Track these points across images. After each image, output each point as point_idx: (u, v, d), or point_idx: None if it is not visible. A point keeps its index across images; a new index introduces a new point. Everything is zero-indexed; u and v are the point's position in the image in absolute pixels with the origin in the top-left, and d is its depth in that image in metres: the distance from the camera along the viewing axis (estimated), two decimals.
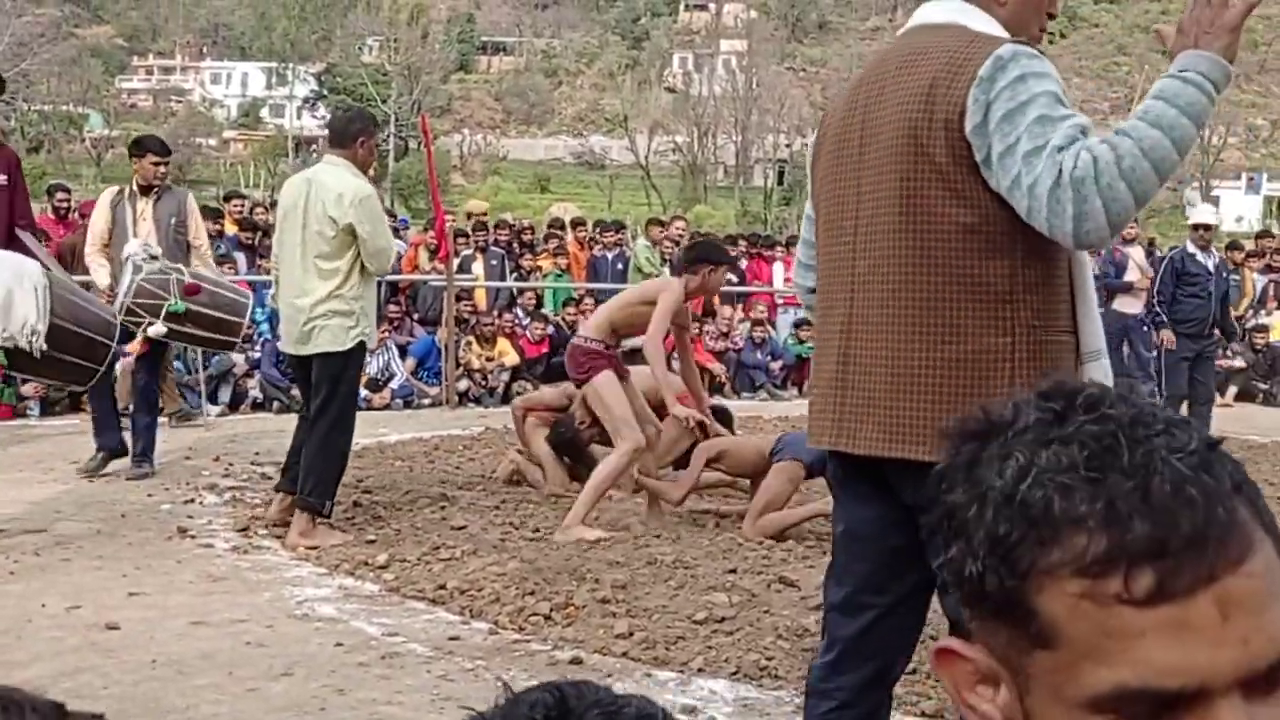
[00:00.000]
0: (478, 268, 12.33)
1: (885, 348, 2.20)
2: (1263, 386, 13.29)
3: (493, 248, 12.63)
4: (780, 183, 57.24)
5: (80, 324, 5.37)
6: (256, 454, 7.69)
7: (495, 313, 11.58)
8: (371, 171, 6.04)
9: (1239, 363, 13.24)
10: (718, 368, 11.95)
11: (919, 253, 2.17)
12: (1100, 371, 2.17)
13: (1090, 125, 2.05)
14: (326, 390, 5.49)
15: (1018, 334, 2.12)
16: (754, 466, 6.03)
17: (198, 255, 7.03)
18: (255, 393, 10.12)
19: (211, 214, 11.58)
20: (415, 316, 11.70)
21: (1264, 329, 13.82)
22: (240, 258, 10.80)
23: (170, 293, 6.48)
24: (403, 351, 10.94)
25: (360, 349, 5.57)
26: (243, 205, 12.53)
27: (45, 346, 5.19)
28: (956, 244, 2.13)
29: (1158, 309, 9.01)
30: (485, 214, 14.46)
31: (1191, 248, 9.05)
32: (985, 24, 2.21)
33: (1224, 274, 9.23)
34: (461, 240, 12.09)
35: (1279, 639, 0.67)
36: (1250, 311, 14.35)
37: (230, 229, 11.44)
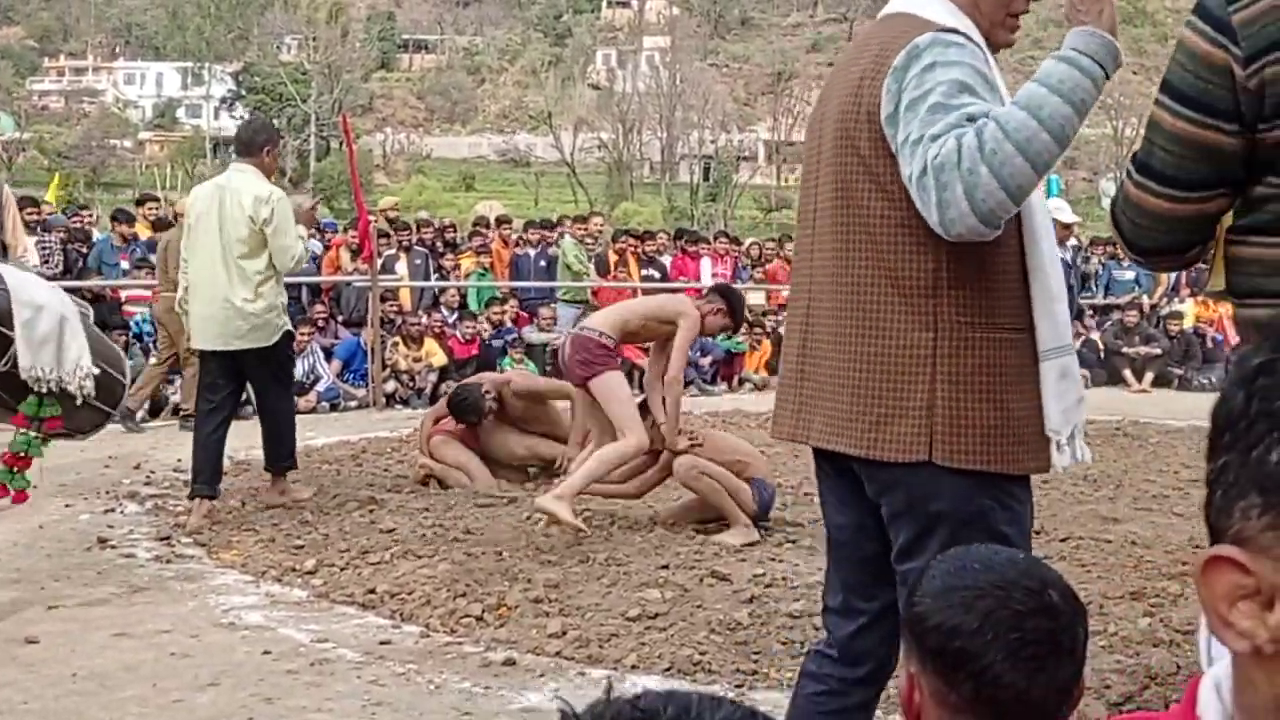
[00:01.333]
0: (401, 267, 12.21)
1: (830, 341, 2.19)
2: (1178, 372, 13.59)
3: (416, 247, 12.52)
4: (706, 178, 57.48)
5: (105, 360, 4.52)
6: (179, 460, 7.54)
7: (421, 313, 11.48)
8: (288, 175, 6.56)
9: (1155, 350, 13.53)
10: (645, 363, 11.95)
11: (850, 247, 2.16)
12: (1056, 371, 2.08)
13: (989, 111, 1.97)
14: (269, 375, 6.13)
15: (940, 330, 2.06)
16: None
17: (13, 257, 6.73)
18: (176, 398, 9.93)
19: (125, 218, 11.38)
20: (339, 318, 11.56)
21: (1178, 316, 14.15)
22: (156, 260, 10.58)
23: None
24: (328, 354, 10.80)
25: (287, 336, 6.13)
26: (158, 208, 12.28)
27: (93, 392, 4.35)
28: (882, 238, 2.10)
29: None
30: (396, 208, 14.30)
31: None
32: (942, 11, 2.13)
33: (1075, 265, 9.70)
34: (384, 240, 11.96)
35: None
36: (1164, 300, 14.68)
37: (144, 232, 11.22)
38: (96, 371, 4.35)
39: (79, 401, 4.32)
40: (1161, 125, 1.73)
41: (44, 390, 4.18)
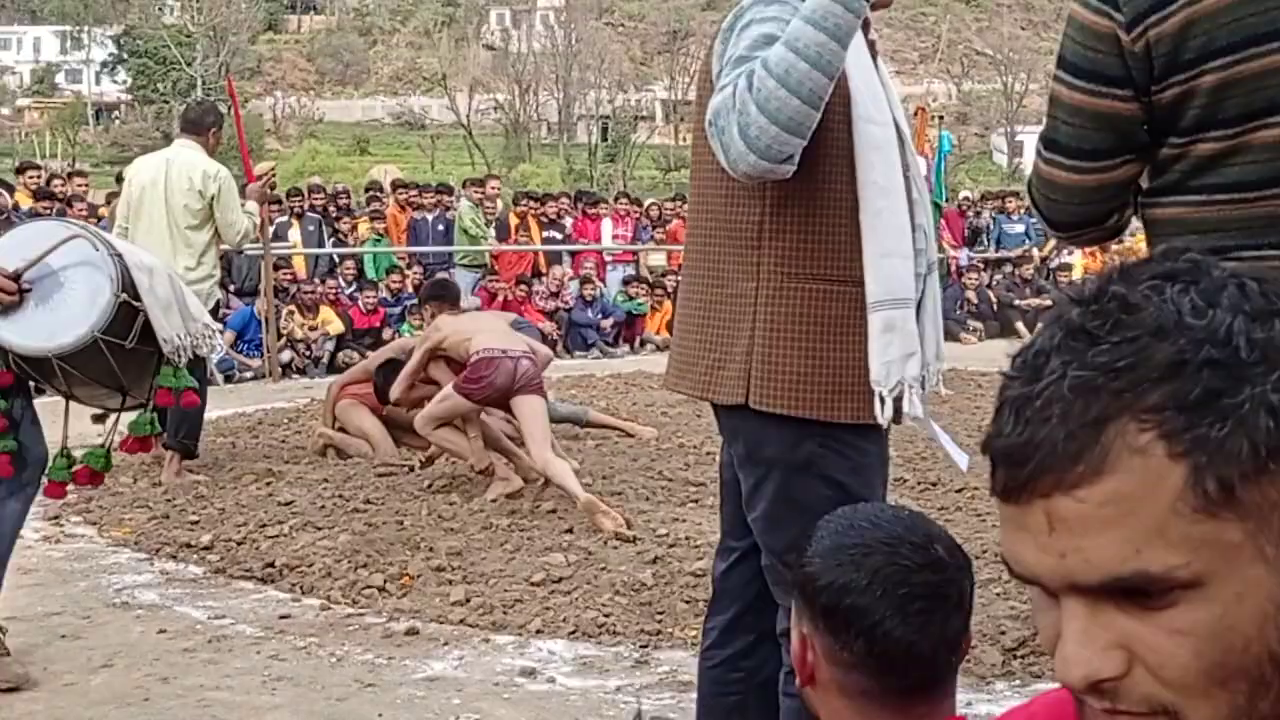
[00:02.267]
0: (294, 234, 11.96)
1: (686, 290, 2.31)
2: None
3: (309, 213, 12.26)
4: (604, 139, 57.22)
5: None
6: (67, 438, 7.30)
7: (316, 280, 11.27)
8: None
9: (1047, 301, 13.85)
10: (549, 327, 11.91)
11: (700, 201, 2.27)
12: (881, 323, 2.10)
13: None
14: None
15: (762, 279, 2.13)
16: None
17: None
18: None
19: (5, 187, 10.95)
20: (231, 287, 11.29)
21: (1067, 268, 14.49)
22: None
23: None
24: (221, 324, 10.55)
25: (215, 309, 6.55)
26: (39, 176, 11.85)
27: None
28: (719, 189, 2.19)
29: None
30: (273, 172, 13.88)
31: None
32: None
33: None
34: (276, 207, 11.69)
35: (1101, 565, 0.68)
36: (1055, 252, 15.03)
37: (25, 201, 10.81)
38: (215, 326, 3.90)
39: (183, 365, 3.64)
40: (1061, 99, 1.76)
41: (180, 360, 3.55)
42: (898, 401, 2.13)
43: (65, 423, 3.62)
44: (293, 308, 10.74)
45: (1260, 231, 1.66)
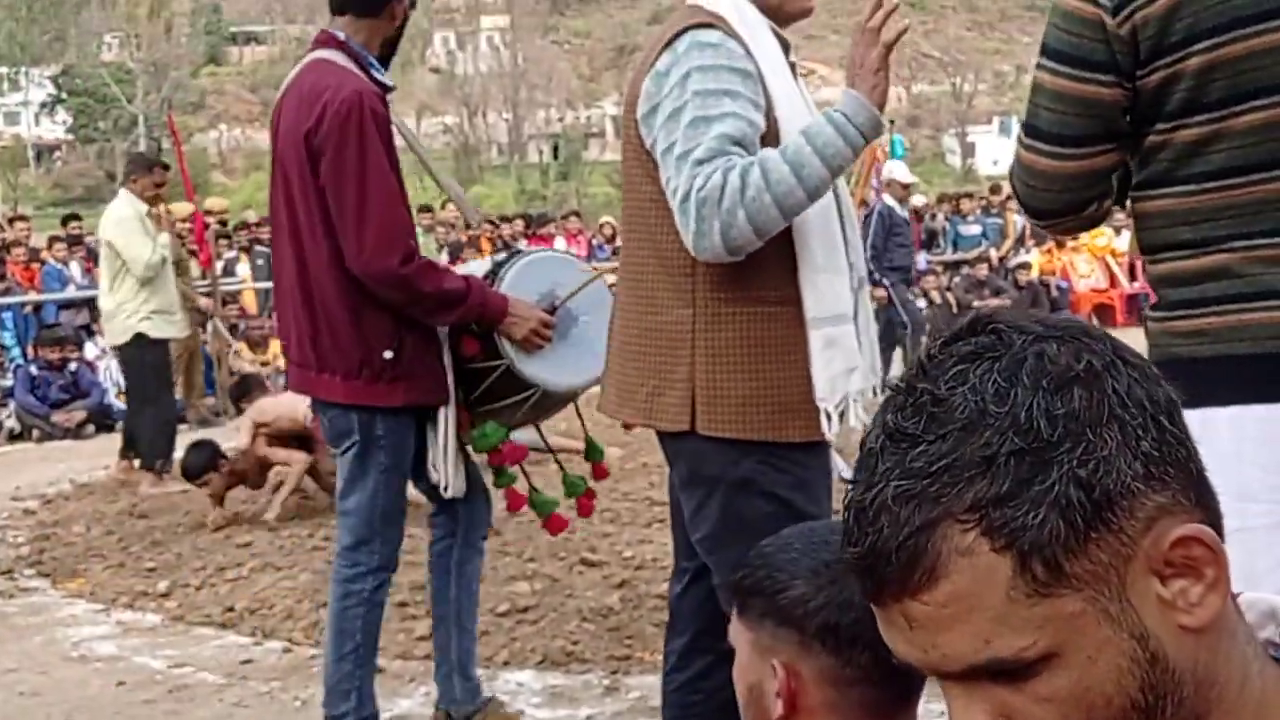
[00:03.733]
0: (243, 269, 11.83)
1: (621, 315, 2.29)
2: None
3: (258, 247, 12.13)
4: (556, 157, 57.25)
5: None
6: (17, 488, 7.17)
7: (266, 314, 11.14)
8: (118, 179, 7.72)
9: (1006, 301, 13.92)
10: None
11: (631, 227, 2.28)
12: (822, 340, 2.12)
13: (746, 130, 2.04)
14: (126, 374, 7.34)
15: (698, 306, 2.14)
16: None
17: None
18: (11, 423, 9.46)
19: None
20: None
21: (1026, 266, 14.58)
22: None
23: None
24: None
25: (138, 338, 6.84)
26: None
27: None
28: (650, 216, 2.18)
29: (870, 264, 9.45)
30: (226, 211, 13.75)
31: (891, 202, 9.73)
32: None
33: (895, 221, 10.01)
34: (224, 242, 11.57)
35: (958, 657, 0.74)
36: (1012, 251, 15.13)
37: None
38: None
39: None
40: (1044, 86, 1.76)
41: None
42: (843, 415, 2.15)
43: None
44: (242, 344, 10.61)
45: (1251, 219, 1.65)
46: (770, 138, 2.10)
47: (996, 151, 53.27)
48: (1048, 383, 0.72)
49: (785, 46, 2.22)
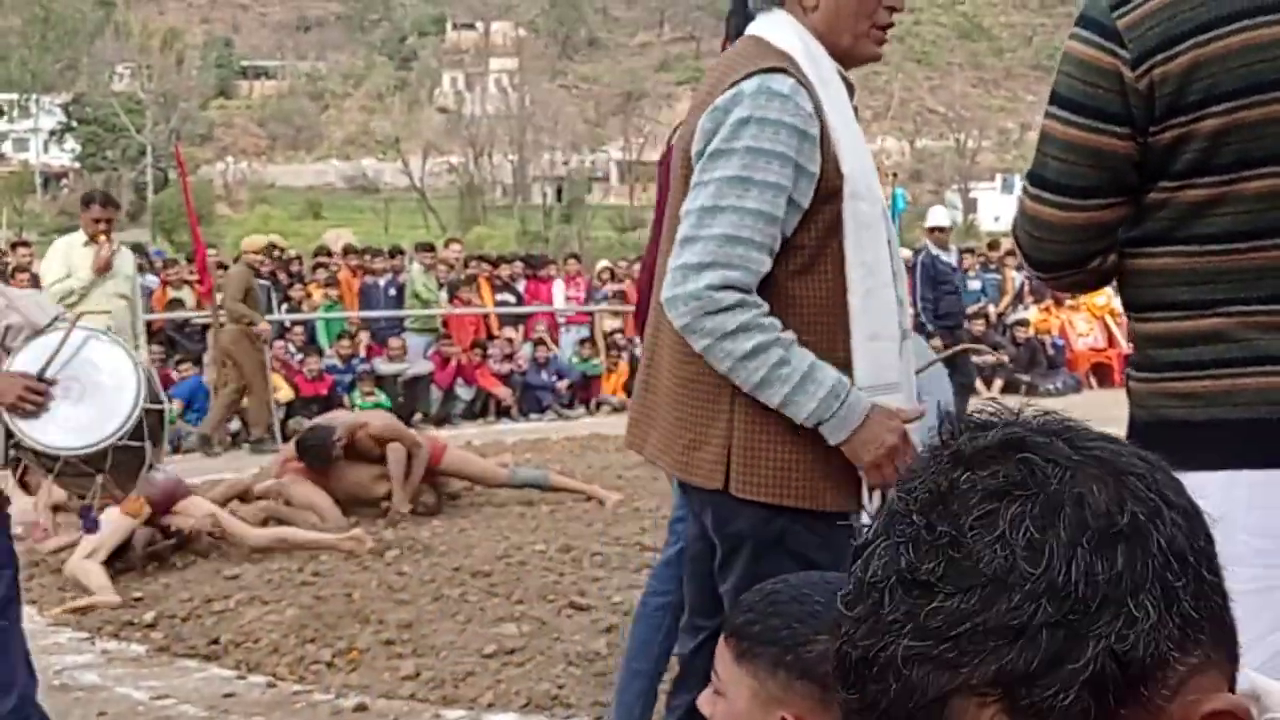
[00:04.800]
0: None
1: (668, 359, 2.17)
2: (1025, 378, 13.98)
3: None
4: (559, 199, 57.50)
5: None
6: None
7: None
8: (125, 210, 7.60)
9: (1004, 357, 13.91)
10: (504, 392, 11.84)
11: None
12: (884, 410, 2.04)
13: (762, 228, 1.98)
14: None
15: None
16: None
17: None
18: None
19: None
20: (178, 357, 11.15)
21: (1024, 323, 14.59)
22: None
23: None
24: (168, 393, 10.40)
25: None
26: None
27: None
28: None
29: (922, 316, 9.26)
30: (274, 245, 13.61)
31: (934, 249, 9.56)
32: (789, 35, 2.08)
33: (944, 269, 9.77)
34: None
35: None
36: (1010, 307, 15.14)
37: None
38: None
39: None
40: (1053, 135, 1.73)
41: None
42: None
43: None
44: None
45: (1252, 284, 1.64)
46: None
47: (998, 208, 53.52)
48: (1088, 540, 0.64)
49: (850, 89, 2.14)
